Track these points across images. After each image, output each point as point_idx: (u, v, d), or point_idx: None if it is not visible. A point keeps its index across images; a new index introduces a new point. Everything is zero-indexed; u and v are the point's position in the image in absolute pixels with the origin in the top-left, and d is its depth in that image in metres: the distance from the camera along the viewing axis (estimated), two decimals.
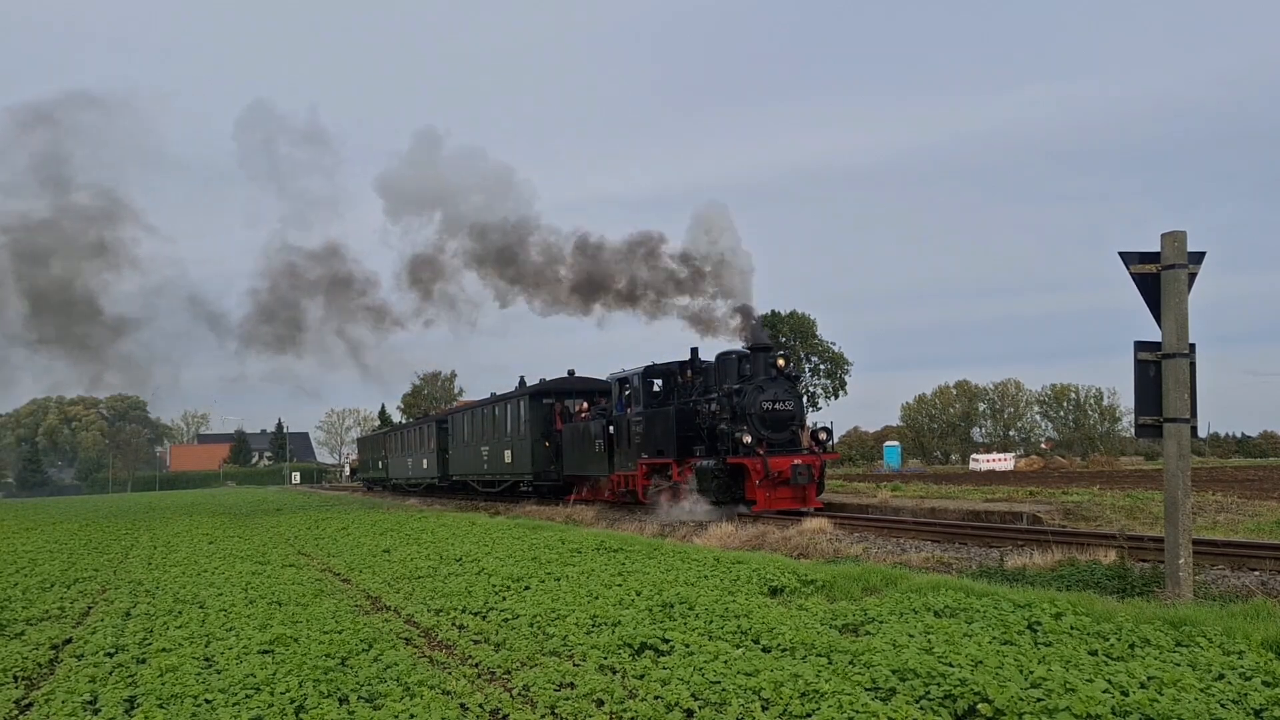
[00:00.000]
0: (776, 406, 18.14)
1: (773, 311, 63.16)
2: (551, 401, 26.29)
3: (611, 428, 22.19)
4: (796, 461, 17.36)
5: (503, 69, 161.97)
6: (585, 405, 24.99)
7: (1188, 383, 8.42)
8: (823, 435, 18.46)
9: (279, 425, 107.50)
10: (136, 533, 21.43)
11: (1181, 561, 8.26)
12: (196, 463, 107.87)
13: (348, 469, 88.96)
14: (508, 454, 28.08)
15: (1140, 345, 8.64)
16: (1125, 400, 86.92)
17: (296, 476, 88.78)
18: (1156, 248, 8.50)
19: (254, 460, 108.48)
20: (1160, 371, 8.45)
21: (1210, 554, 10.05)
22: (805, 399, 19.68)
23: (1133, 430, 10.56)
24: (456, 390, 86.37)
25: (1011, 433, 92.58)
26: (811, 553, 12.83)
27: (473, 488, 33.28)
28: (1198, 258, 8.53)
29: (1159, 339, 8.51)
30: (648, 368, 21.13)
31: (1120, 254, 8.60)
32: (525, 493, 28.11)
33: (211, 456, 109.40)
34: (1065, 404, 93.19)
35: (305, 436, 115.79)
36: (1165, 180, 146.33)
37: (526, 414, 26.56)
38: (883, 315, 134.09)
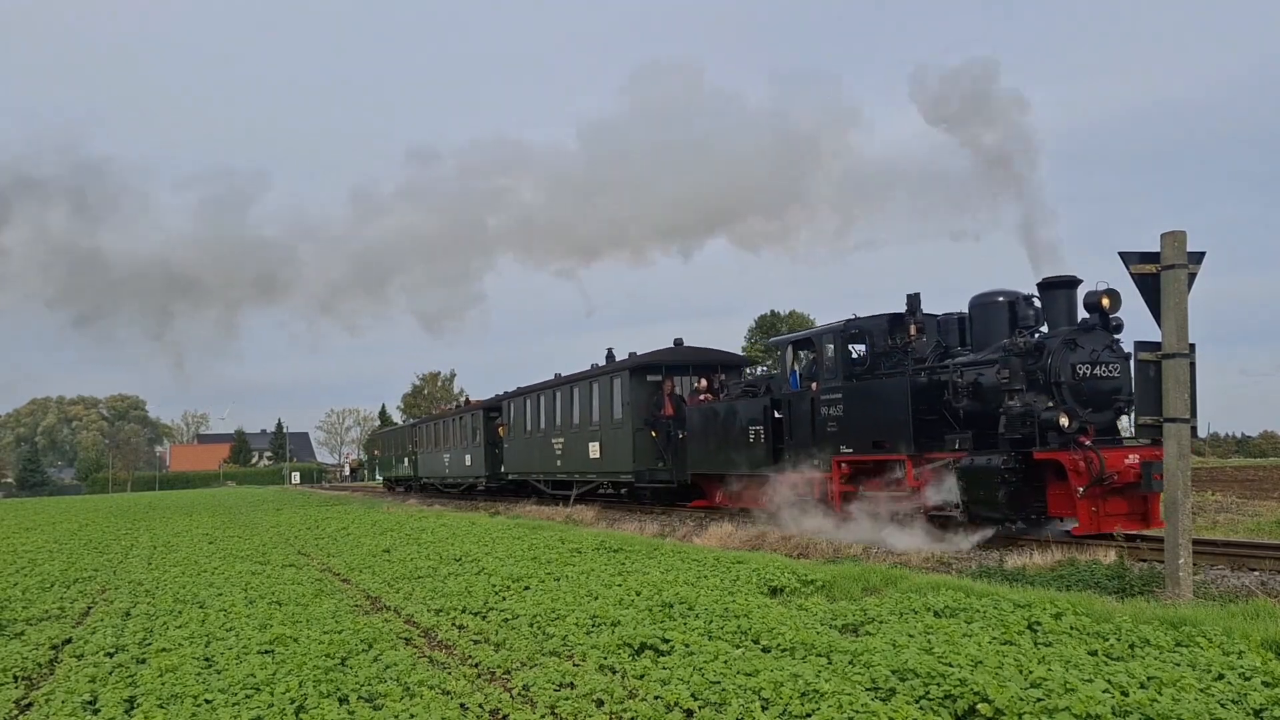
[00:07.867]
0: (1097, 371, 11.58)
1: (771, 311, 63.31)
2: (659, 378, 20.50)
3: (778, 411, 16.19)
4: (1140, 457, 10.95)
5: (499, 68, 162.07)
6: (704, 382, 19.55)
7: (1188, 383, 8.43)
8: None
9: (279, 425, 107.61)
10: (136, 532, 21.41)
11: (1181, 561, 8.26)
12: (196, 463, 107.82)
13: (347, 469, 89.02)
14: (594, 447, 22.29)
15: (1140, 345, 8.66)
16: None
17: (296, 476, 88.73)
18: (1156, 248, 8.50)
19: (254, 460, 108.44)
20: (1160, 371, 8.45)
21: (1210, 554, 10.05)
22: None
23: (1133, 430, 10.52)
24: (456, 391, 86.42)
25: None
26: (811, 552, 12.83)
27: (537, 489, 27.10)
28: (1198, 258, 8.54)
29: (1159, 339, 8.52)
30: (848, 321, 14.68)
31: (1120, 254, 8.61)
32: (619, 496, 22.60)
33: (211, 456, 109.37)
34: None
35: (305, 436, 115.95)
36: (1165, 180, 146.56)
37: (626, 395, 20.59)
38: None
